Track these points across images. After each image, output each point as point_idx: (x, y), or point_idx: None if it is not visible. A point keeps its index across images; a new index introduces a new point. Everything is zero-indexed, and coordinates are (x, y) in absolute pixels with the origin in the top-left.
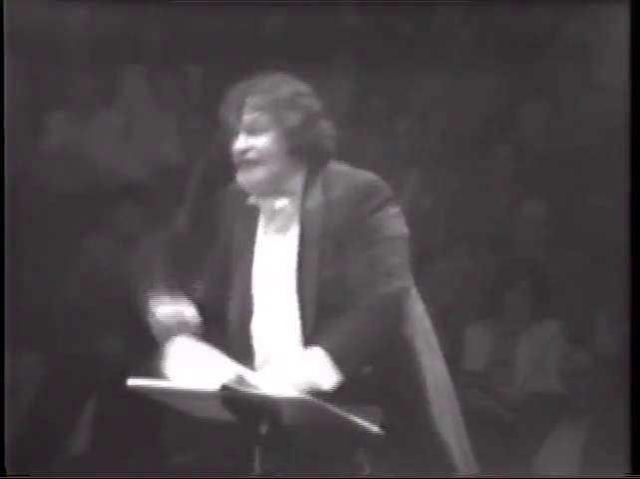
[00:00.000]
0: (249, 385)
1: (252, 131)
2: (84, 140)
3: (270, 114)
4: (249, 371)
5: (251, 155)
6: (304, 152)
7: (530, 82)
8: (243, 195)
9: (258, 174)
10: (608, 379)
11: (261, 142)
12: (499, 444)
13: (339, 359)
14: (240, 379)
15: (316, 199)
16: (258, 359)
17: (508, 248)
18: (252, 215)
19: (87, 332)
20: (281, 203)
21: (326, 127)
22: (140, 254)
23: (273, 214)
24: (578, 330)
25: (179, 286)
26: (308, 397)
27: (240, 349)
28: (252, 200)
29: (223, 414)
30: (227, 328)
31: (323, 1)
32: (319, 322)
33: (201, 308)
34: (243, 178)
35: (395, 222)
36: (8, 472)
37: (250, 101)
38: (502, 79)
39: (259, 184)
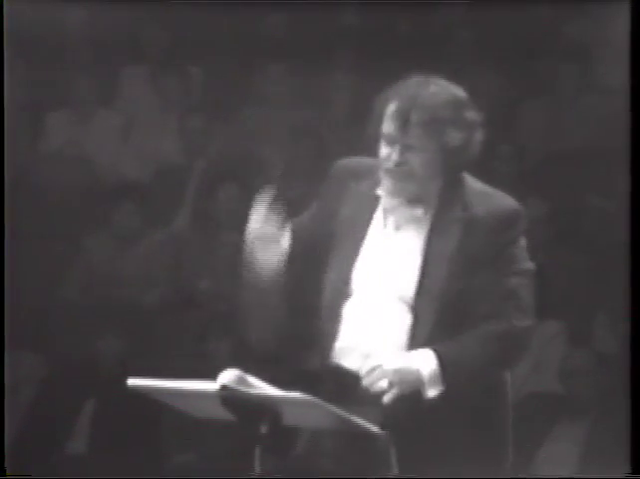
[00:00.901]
0: (249, 385)
1: (412, 147)
2: (84, 140)
3: (434, 133)
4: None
5: (406, 168)
6: (460, 166)
7: (530, 82)
8: (356, 178)
9: (408, 187)
10: (608, 379)
11: (418, 159)
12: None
13: (447, 371)
14: (240, 379)
15: (455, 212)
16: (340, 344)
17: None
18: (369, 203)
19: (86, 332)
20: (416, 207)
21: (481, 138)
22: (139, 255)
23: (395, 210)
24: (578, 330)
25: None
26: (309, 397)
27: (325, 327)
28: (380, 192)
29: (223, 414)
30: (320, 301)
31: (323, 1)
32: (432, 338)
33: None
34: (391, 187)
35: (526, 255)
36: (8, 472)
37: (415, 117)
38: (502, 79)
39: (405, 194)
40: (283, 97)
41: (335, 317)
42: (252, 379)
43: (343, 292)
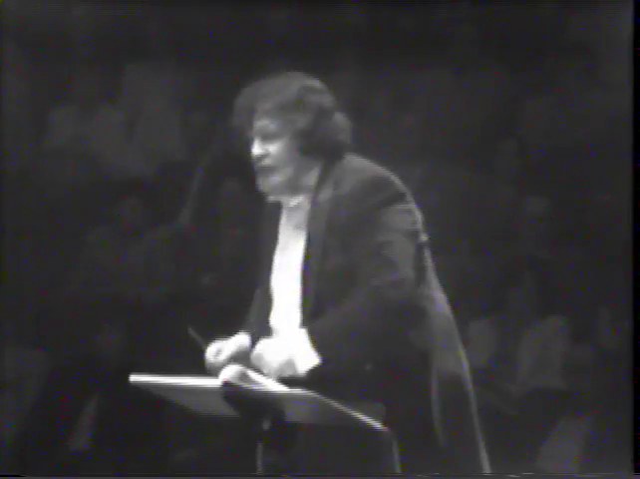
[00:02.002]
0: (252, 381)
1: (265, 137)
2: (87, 136)
3: (280, 118)
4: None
5: (267, 161)
6: (319, 150)
7: (534, 79)
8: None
9: (275, 179)
10: (611, 376)
11: (275, 147)
12: (502, 440)
13: (319, 341)
14: (243, 376)
15: (327, 193)
16: None
17: (512, 245)
18: (275, 212)
19: (90, 329)
20: (297, 200)
21: (340, 121)
22: (143, 250)
23: (291, 210)
24: (581, 327)
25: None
26: (311, 393)
27: (260, 339)
28: (272, 198)
29: (226, 411)
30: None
31: None
32: (317, 314)
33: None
34: (262, 183)
35: (404, 217)
36: (8, 472)
37: (260, 107)
38: (506, 76)
39: (277, 188)
40: None
41: (265, 329)
42: (255, 375)
43: (267, 304)
